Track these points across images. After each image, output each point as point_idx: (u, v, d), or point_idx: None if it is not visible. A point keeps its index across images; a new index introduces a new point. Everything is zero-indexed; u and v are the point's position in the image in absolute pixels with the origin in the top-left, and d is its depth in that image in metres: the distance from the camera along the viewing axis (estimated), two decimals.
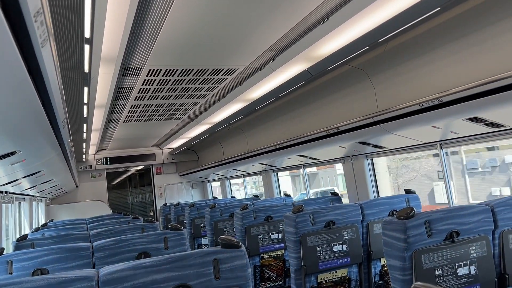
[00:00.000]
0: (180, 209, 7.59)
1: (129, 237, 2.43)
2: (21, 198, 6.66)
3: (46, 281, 1.37)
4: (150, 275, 1.46)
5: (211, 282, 1.52)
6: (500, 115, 2.85)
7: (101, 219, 5.01)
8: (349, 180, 5.14)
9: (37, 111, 2.03)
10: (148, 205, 11.92)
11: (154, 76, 4.22)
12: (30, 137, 2.52)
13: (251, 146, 7.30)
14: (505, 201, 2.18)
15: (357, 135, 4.00)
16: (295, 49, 3.47)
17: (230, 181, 10.44)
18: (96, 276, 1.43)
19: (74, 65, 3.37)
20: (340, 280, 3.18)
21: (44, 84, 1.71)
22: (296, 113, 5.55)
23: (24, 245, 2.99)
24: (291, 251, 3.09)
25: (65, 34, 2.77)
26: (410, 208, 2.04)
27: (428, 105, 2.99)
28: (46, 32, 1.32)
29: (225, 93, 5.18)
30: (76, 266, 2.36)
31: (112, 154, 10.67)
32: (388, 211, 3.36)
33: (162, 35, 3.13)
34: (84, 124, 5.81)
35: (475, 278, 2.06)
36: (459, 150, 7.43)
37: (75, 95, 4.26)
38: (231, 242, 1.60)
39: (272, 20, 3.05)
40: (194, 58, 3.81)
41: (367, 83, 3.99)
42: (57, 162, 4.38)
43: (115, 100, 5.10)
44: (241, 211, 3.93)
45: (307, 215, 3.05)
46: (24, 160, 3.03)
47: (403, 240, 1.98)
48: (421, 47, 3.27)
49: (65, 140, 3.37)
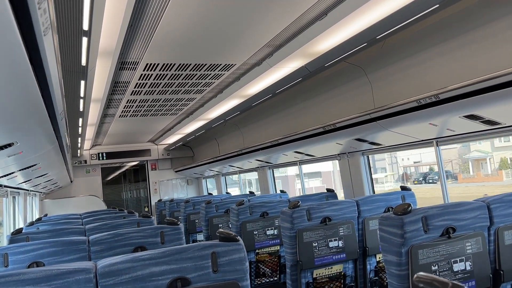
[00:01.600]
0: (175, 205, 7.57)
1: (125, 231, 2.42)
2: (16, 192, 6.63)
3: (43, 272, 1.36)
4: (148, 267, 1.46)
5: (209, 275, 1.52)
6: (496, 112, 2.87)
7: (96, 214, 4.99)
8: (345, 177, 5.16)
9: (37, 102, 2.02)
10: (142, 201, 11.90)
11: (151, 70, 4.20)
12: (28, 128, 2.50)
13: (247, 142, 7.30)
14: (501, 198, 2.20)
15: (354, 131, 4.00)
16: (293, 45, 3.47)
17: (225, 178, 10.44)
18: (94, 268, 1.43)
19: (71, 57, 3.36)
20: (336, 276, 3.19)
21: (44, 74, 1.70)
22: (292, 110, 5.55)
23: (19, 239, 2.97)
24: (287, 247, 3.10)
25: (63, 26, 2.75)
26: (407, 204, 2.05)
27: (425, 102, 3.00)
28: (48, 20, 1.31)
29: (221, 88, 5.17)
30: (72, 260, 2.35)
31: (107, 150, 10.62)
32: (384, 207, 3.38)
33: (160, 29, 3.12)
34: (80, 118, 5.79)
35: (470, 274, 2.07)
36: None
37: (72, 89, 4.24)
38: (229, 235, 1.60)
39: (270, 16, 3.05)
40: (191, 53, 3.80)
41: (364, 80, 4.00)
42: (53, 155, 4.36)
43: (111, 95, 5.08)
44: (237, 207, 3.93)
45: (303, 211, 3.06)
46: (21, 152, 3.01)
47: (400, 235, 1.99)
48: (418, 44, 3.28)
49: (62, 133, 3.36)
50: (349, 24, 2.92)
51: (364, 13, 2.73)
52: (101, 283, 1.41)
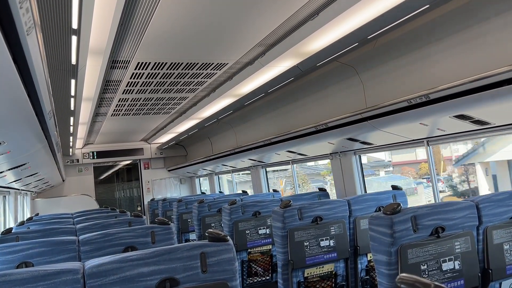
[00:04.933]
0: (168, 204, 7.55)
1: (115, 231, 2.41)
2: (6, 192, 6.57)
3: (31, 273, 1.35)
4: (136, 268, 1.45)
5: (198, 276, 1.52)
6: (486, 112, 2.89)
7: (87, 214, 4.96)
8: (337, 176, 5.17)
9: (23, 101, 1.99)
10: (135, 200, 11.85)
11: (142, 69, 4.18)
12: (15, 128, 2.48)
13: (240, 141, 7.30)
14: (490, 198, 2.21)
15: (345, 131, 4.01)
16: (285, 44, 3.47)
17: (219, 176, 10.42)
18: (82, 269, 1.42)
19: (61, 56, 3.32)
20: (327, 275, 3.20)
21: (29, 73, 1.68)
22: (285, 109, 5.55)
23: (9, 239, 2.94)
24: (278, 246, 3.10)
25: (52, 24, 2.72)
26: (397, 204, 2.06)
27: (415, 102, 3.01)
28: (32, 20, 1.29)
29: (214, 87, 5.16)
30: (62, 260, 2.33)
31: (99, 148, 10.56)
32: (375, 207, 3.39)
33: (151, 27, 3.10)
34: (71, 117, 5.74)
35: (459, 273, 2.09)
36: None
37: (62, 88, 4.20)
38: (218, 235, 1.59)
39: (262, 15, 3.04)
40: (183, 51, 3.78)
41: (356, 80, 4.01)
42: (43, 155, 4.33)
43: (103, 93, 5.05)
44: (229, 206, 3.93)
45: (294, 210, 3.06)
46: (8, 151, 2.99)
47: (389, 235, 1.99)
48: (410, 44, 3.29)
49: (51, 132, 3.32)
50: (340, 23, 2.92)
51: (356, 13, 2.73)
52: (88, 284, 1.40)
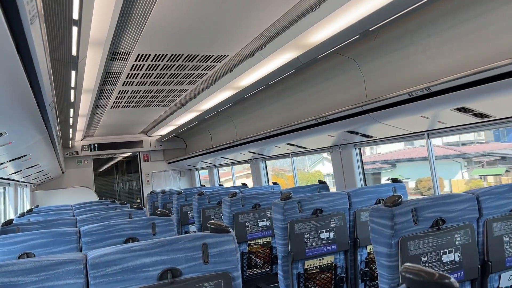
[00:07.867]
0: (168, 196, 7.56)
1: (116, 223, 2.41)
2: (6, 183, 6.57)
3: (33, 264, 1.35)
4: (139, 258, 1.46)
5: (200, 266, 1.52)
6: (487, 105, 2.89)
7: (87, 205, 4.97)
8: (337, 169, 5.17)
9: (25, 91, 1.99)
10: (135, 192, 11.86)
11: (142, 61, 4.17)
12: (17, 118, 2.47)
13: (239, 134, 7.29)
14: (490, 190, 2.21)
15: (346, 124, 4.01)
16: (286, 36, 3.45)
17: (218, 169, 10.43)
18: (84, 259, 1.42)
19: (61, 47, 3.31)
20: (327, 267, 3.22)
21: (32, 63, 1.67)
22: (285, 102, 5.54)
23: (9, 230, 2.95)
24: (278, 238, 3.11)
25: (53, 15, 2.71)
26: (398, 196, 2.07)
27: (416, 95, 3.01)
28: (35, 8, 1.29)
29: (214, 80, 5.15)
30: (63, 251, 2.34)
31: (99, 141, 10.55)
32: (375, 199, 3.39)
33: (152, 19, 3.08)
34: (71, 109, 5.73)
35: (459, 265, 2.10)
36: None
37: (62, 79, 4.19)
38: (220, 226, 1.60)
39: (263, 7, 3.03)
40: (183, 43, 3.77)
41: (356, 72, 4.00)
42: (43, 146, 4.32)
43: (103, 85, 5.03)
44: (229, 198, 3.93)
45: (295, 202, 3.07)
46: (10, 142, 2.98)
47: (390, 227, 2.00)
48: (411, 37, 3.28)
49: (52, 123, 3.32)
50: (342, 15, 2.91)
51: (357, 5, 2.72)
52: (91, 274, 1.41)
